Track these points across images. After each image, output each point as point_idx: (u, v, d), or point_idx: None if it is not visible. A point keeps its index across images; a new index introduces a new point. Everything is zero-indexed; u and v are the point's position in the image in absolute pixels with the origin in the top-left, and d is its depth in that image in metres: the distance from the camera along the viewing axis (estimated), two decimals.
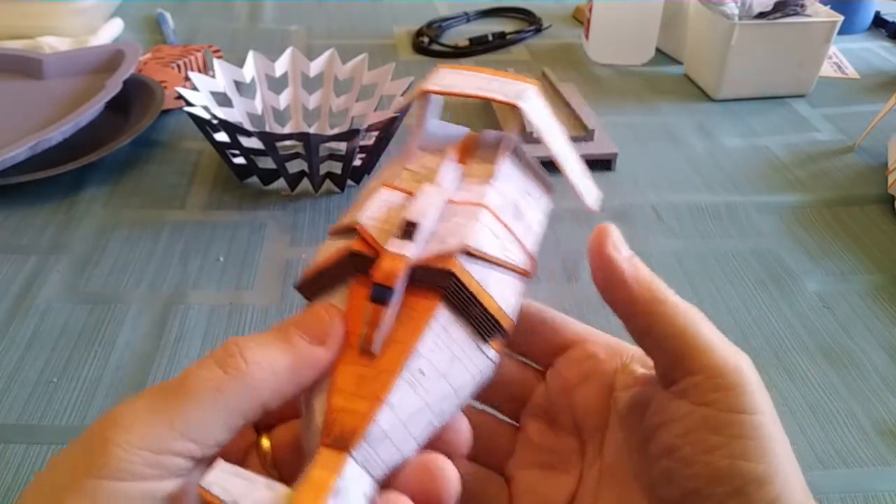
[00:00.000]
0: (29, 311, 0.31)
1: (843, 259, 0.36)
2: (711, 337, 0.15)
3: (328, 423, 0.14)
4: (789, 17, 0.48)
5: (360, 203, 0.17)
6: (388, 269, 0.15)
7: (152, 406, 0.13)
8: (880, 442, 0.26)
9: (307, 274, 0.16)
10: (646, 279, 0.17)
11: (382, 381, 0.14)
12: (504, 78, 0.20)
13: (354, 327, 0.15)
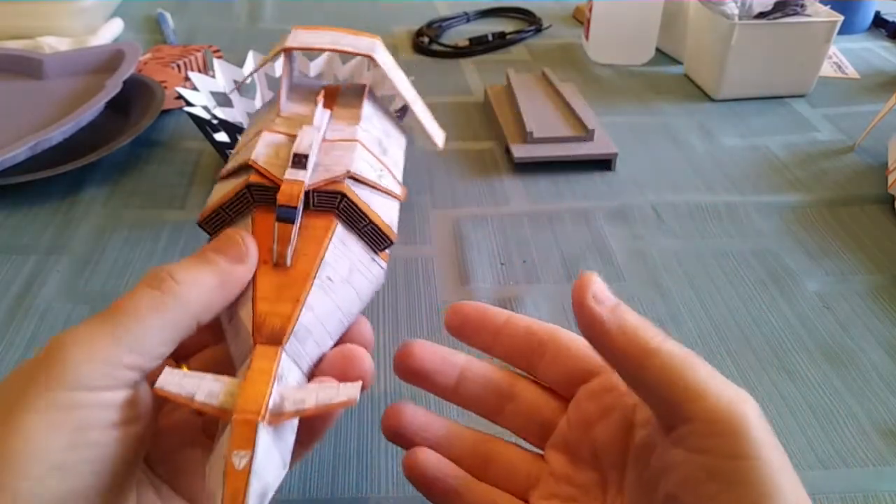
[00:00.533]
0: (29, 311, 0.31)
1: (843, 259, 0.36)
2: (707, 382, 0.15)
3: (258, 324, 0.16)
4: (789, 17, 0.48)
5: (242, 149, 0.20)
6: (289, 191, 0.17)
7: (99, 328, 0.14)
8: (880, 442, 0.26)
9: (208, 209, 0.18)
10: (631, 329, 0.16)
11: (299, 287, 0.16)
12: (352, 35, 0.23)
13: (264, 247, 0.17)
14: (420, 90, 0.55)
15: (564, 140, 0.43)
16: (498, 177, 0.42)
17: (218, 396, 0.14)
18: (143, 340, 0.14)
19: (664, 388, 0.15)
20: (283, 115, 0.20)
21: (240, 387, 0.15)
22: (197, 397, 0.14)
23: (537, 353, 0.19)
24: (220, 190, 0.19)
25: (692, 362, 0.15)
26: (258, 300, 0.16)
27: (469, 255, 0.35)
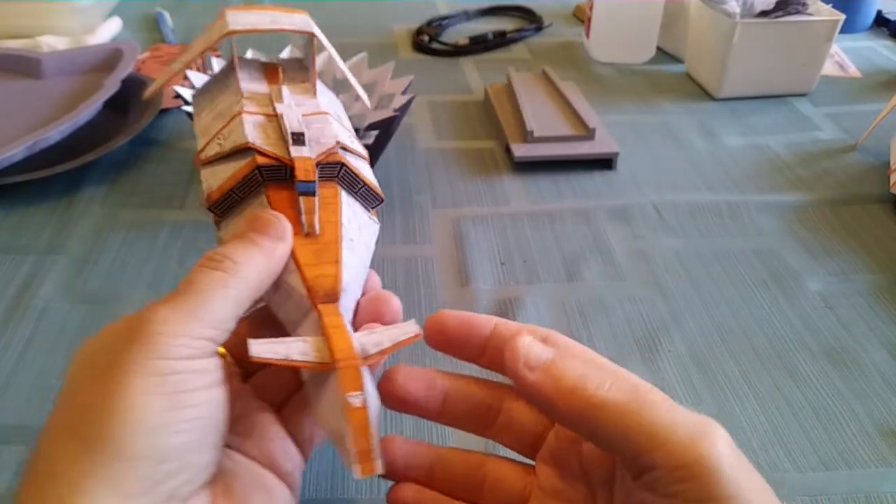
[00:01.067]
0: (27, 311, 0.31)
1: (845, 259, 0.36)
2: (664, 424, 0.14)
3: (312, 287, 0.18)
4: (791, 15, 0.48)
5: (220, 132, 0.21)
6: (305, 167, 0.19)
7: (179, 305, 0.16)
8: (882, 443, 0.26)
9: (218, 192, 0.19)
10: (569, 388, 0.15)
11: (333, 251, 0.19)
12: (283, 12, 0.24)
13: (290, 220, 0.19)
14: (420, 89, 0.55)
15: (565, 139, 0.42)
16: (498, 176, 0.42)
17: (310, 353, 0.16)
18: (216, 315, 0.16)
19: (620, 441, 0.15)
20: (247, 95, 0.22)
21: (325, 341, 0.17)
22: (293, 357, 0.16)
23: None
24: (217, 174, 0.20)
25: (643, 406, 0.15)
26: (303, 267, 0.18)
27: (469, 255, 0.35)
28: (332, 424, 0.16)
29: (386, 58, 0.46)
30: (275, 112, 0.21)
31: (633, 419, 0.14)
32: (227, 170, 0.20)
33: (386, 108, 0.39)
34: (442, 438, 0.26)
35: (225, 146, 0.20)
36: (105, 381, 0.15)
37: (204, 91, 0.25)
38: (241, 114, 0.21)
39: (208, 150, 0.20)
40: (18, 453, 0.25)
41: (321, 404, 0.17)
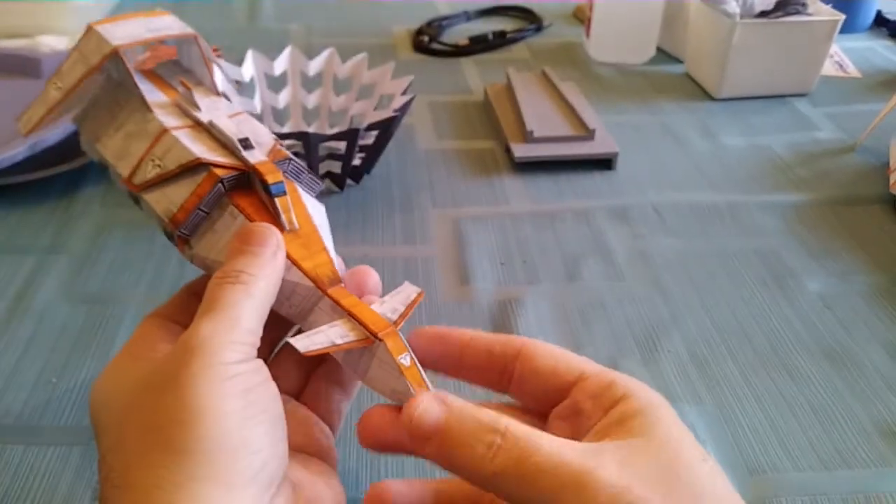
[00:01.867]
0: (27, 311, 0.31)
1: (844, 259, 0.36)
2: (552, 481, 0.14)
3: (316, 278, 0.19)
4: (791, 15, 0.48)
5: (130, 153, 0.20)
6: (270, 170, 0.19)
7: (216, 320, 0.17)
8: (882, 442, 0.26)
9: (183, 214, 0.19)
10: (462, 463, 0.16)
11: (316, 240, 0.20)
12: (153, 17, 0.23)
13: (267, 221, 0.19)
14: (420, 89, 0.55)
15: (565, 139, 0.42)
16: (498, 176, 0.42)
17: (349, 334, 0.18)
18: (250, 323, 0.17)
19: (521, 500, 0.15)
20: (158, 109, 0.21)
21: (353, 320, 0.18)
22: (338, 342, 0.17)
23: (505, 376, 0.19)
24: (170, 195, 0.20)
25: (528, 468, 0.15)
26: (299, 261, 0.19)
27: (469, 255, 0.35)
28: (391, 387, 0.18)
29: (386, 58, 0.46)
30: (194, 121, 0.21)
31: (520, 484, 0.15)
32: (180, 189, 0.20)
33: (386, 109, 0.39)
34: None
35: (167, 166, 0.20)
36: (176, 397, 0.15)
37: (89, 113, 0.23)
38: (168, 130, 0.20)
39: (142, 174, 0.20)
40: (19, 453, 0.25)
41: (372, 373, 0.18)
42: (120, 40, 0.21)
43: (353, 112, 0.44)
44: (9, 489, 0.24)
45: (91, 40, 0.21)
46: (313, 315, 0.19)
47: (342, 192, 0.40)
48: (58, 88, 0.22)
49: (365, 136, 0.38)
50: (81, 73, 0.21)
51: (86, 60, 0.21)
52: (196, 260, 0.20)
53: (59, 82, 0.22)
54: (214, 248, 0.20)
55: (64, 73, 0.22)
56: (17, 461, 0.25)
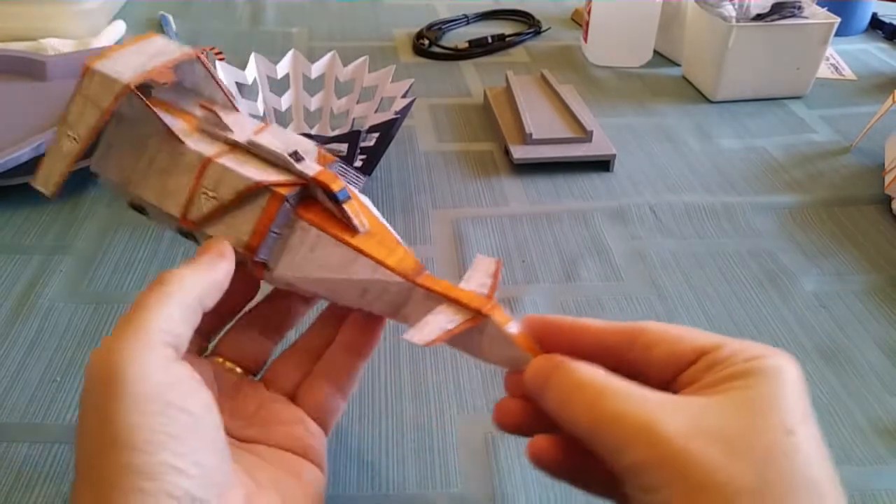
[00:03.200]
0: (32, 310, 0.31)
1: (839, 259, 0.36)
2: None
3: (403, 271, 0.19)
4: (786, 18, 0.49)
5: (177, 190, 0.20)
6: (331, 178, 0.19)
7: (124, 329, 0.16)
8: (877, 441, 0.26)
9: (257, 239, 0.19)
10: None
11: (388, 235, 0.20)
12: (143, 43, 0.21)
13: (339, 226, 0.19)
14: (421, 92, 0.55)
15: (563, 141, 0.43)
16: (497, 177, 0.42)
17: (455, 318, 0.18)
18: (167, 323, 0.17)
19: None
20: (188, 137, 0.20)
21: (457, 303, 0.18)
22: (449, 328, 0.18)
23: (622, 364, 0.17)
24: (235, 224, 0.19)
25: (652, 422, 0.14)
26: (384, 259, 0.19)
27: (469, 255, 0.36)
28: (506, 356, 0.18)
29: (387, 61, 0.47)
30: (230, 144, 0.20)
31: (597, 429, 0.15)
32: (245, 216, 0.19)
33: (387, 111, 0.40)
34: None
35: (224, 196, 0.19)
36: (87, 428, 0.15)
37: (109, 158, 0.21)
38: (212, 159, 0.19)
39: (198, 209, 0.19)
40: (23, 451, 0.25)
41: (485, 348, 0.18)
42: (127, 75, 0.19)
43: (354, 114, 0.44)
44: (13, 487, 0.24)
45: (94, 82, 0.19)
46: (407, 307, 0.19)
47: None
48: (73, 139, 0.20)
49: (366, 138, 0.38)
50: (95, 118, 0.19)
51: (96, 104, 0.19)
52: (278, 282, 0.20)
53: (71, 132, 0.20)
54: (294, 265, 0.19)
55: (74, 122, 0.20)
56: (21, 459, 0.25)
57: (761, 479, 0.14)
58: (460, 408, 0.27)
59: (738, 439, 0.14)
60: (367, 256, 0.19)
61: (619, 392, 0.15)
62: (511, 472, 0.25)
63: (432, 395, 0.28)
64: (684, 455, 0.14)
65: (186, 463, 0.15)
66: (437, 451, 0.26)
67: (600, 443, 0.15)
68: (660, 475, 0.14)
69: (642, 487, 0.14)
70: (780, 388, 0.15)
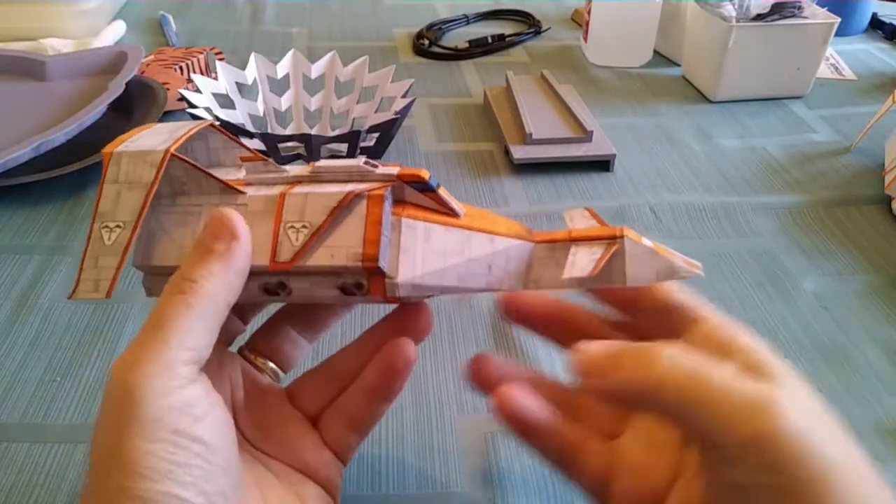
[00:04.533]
0: (32, 310, 0.31)
1: (840, 259, 0.36)
2: (724, 403, 0.14)
3: (518, 235, 0.19)
4: (786, 18, 0.49)
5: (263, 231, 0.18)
6: (416, 171, 0.19)
7: (150, 343, 0.16)
8: (878, 441, 0.26)
9: (372, 249, 0.18)
10: (628, 378, 0.15)
11: (481, 211, 0.20)
12: (151, 127, 0.20)
13: (440, 216, 0.19)
14: (421, 92, 0.55)
15: (563, 141, 0.43)
16: (497, 177, 0.42)
17: (596, 250, 0.18)
18: (189, 339, 0.16)
19: (682, 421, 0.15)
20: (246, 195, 0.19)
21: (587, 238, 0.18)
22: (596, 258, 0.18)
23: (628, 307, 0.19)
24: (340, 241, 0.18)
25: (699, 386, 0.14)
26: (493, 230, 0.19)
27: None
28: (654, 270, 0.18)
29: (387, 61, 0.47)
30: (290, 180, 0.19)
31: (690, 398, 0.14)
32: (347, 230, 0.18)
33: (387, 111, 0.40)
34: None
35: (315, 221, 0.18)
36: (101, 448, 0.15)
37: (153, 246, 0.19)
38: (284, 194, 0.18)
39: (288, 246, 0.18)
40: (24, 451, 0.25)
41: (629, 272, 0.18)
42: (164, 145, 0.18)
43: (354, 114, 0.44)
44: (13, 487, 0.24)
45: (123, 164, 0.18)
46: (534, 270, 0.19)
47: None
48: (119, 226, 0.17)
49: (366, 138, 0.38)
50: (139, 197, 0.17)
51: (134, 184, 0.18)
52: (402, 289, 0.18)
53: (112, 222, 0.17)
54: (416, 264, 0.18)
55: (111, 211, 0.18)
56: (22, 459, 0.25)
57: (846, 454, 0.14)
58: (460, 408, 0.27)
59: (821, 420, 0.15)
60: (479, 231, 0.19)
61: (719, 365, 0.15)
62: (511, 472, 0.25)
63: (432, 395, 0.28)
64: (807, 430, 0.14)
65: (192, 492, 0.15)
66: (437, 452, 0.26)
67: (709, 414, 0.14)
68: (785, 450, 0.13)
69: (759, 467, 0.14)
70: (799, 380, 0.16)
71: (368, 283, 0.18)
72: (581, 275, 0.17)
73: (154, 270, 0.19)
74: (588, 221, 0.20)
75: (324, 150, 0.38)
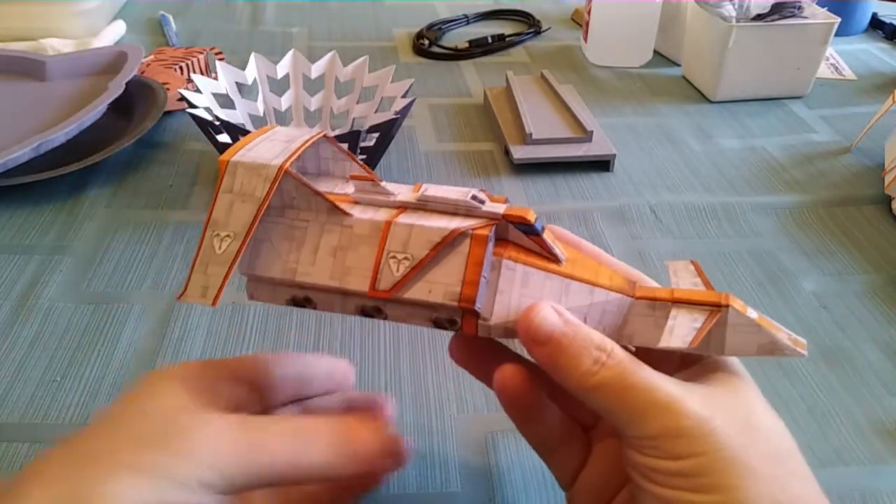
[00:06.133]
0: (32, 310, 0.31)
1: (839, 259, 0.36)
2: (647, 401, 0.16)
3: (620, 288, 0.19)
4: (786, 18, 0.49)
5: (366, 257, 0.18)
6: (523, 212, 0.18)
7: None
8: (878, 441, 0.26)
9: (470, 290, 0.18)
10: (565, 368, 0.17)
11: (585, 258, 0.20)
12: (267, 133, 0.20)
13: (541, 260, 0.19)
14: (421, 92, 0.55)
15: (563, 141, 0.43)
16: (497, 177, 0.42)
17: (698, 316, 0.17)
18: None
19: (609, 416, 0.17)
20: (352, 209, 0.19)
21: (690, 302, 0.18)
22: (698, 326, 0.17)
23: None
24: (439, 278, 0.18)
25: (626, 386, 0.16)
26: (595, 281, 0.19)
27: None
28: (756, 344, 0.18)
29: (387, 61, 0.47)
30: (398, 206, 0.19)
31: (616, 399, 0.16)
32: (447, 267, 0.18)
33: (387, 111, 0.40)
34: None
35: (417, 254, 0.18)
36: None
37: (258, 258, 0.19)
38: (391, 222, 0.18)
39: (389, 276, 0.18)
40: (23, 451, 0.25)
41: (730, 341, 0.18)
42: (275, 161, 0.18)
43: (354, 114, 0.44)
44: None
45: (238, 175, 0.18)
46: (629, 325, 0.18)
47: None
48: (229, 237, 0.18)
49: (366, 138, 0.38)
50: (251, 210, 0.18)
51: (248, 196, 0.18)
52: (494, 331, 0.18)
53: (223, 231, 0.18)
54: (511, 308, 0.18)
55: (223, 221, 0.18)
56: (22, 459, 0.25)
57: (768, 449, 0.16)
58: (460, 408, 0.27)
59: (746, 421, 0.16)
60: (580, 281, 0.18)
61: (646, 368, 0.17)
62: (511, 472, 0.25)
63: (432, 395, 0.28)
64: (709, 428, 0.15)
65: None
66: (437, 451, 0.26)
67: (626, 410, 0.16)
68: (686, 444, 0.15)
69: (666, 454, 0.16)
70: (754, 388, 0.18)
71: (462, 320, 0.18)
72: (680, 345, 0.17)
73: (257, 279, 0.19)
74: (693, 278, 0.19)
75: None
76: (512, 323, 0.18)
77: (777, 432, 0.17)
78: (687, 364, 0.19)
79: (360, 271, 0.18)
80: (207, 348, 0.30)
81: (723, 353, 0.18)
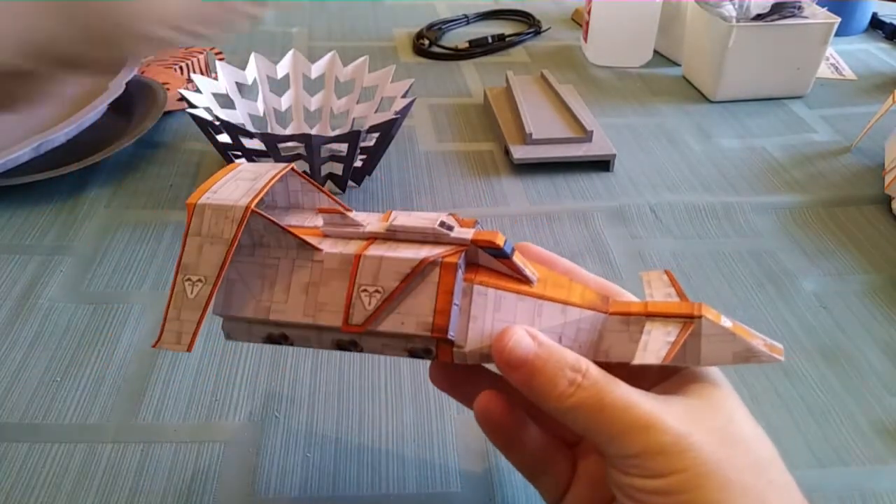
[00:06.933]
0: (32, 310, 0.31)
1: (839, 259, 0.36)
2: (623, 420, 0.16)
3: (592, 305, 0.19)
4: (786, 18, 0.49)
5: (337, 291, 0.18)
6: (492, 236, 0.18)
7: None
8: (878, 441, 0.26)
9: (442, 319, 0.18)
10: (541, 391, 0.17)
11: (556, 275, 0.20)
12: (233, 171, 0.20)
13: (512, 283, 0.19)
14: (421, 92, 0.55)
15: (563, 141, 0.43)
16: (497, 177, 0.42)
17: (671, 329, 0.17)
18: None
19: (587, 434, 0.17)
20: (321, 244, 0.19)
21: (662, 315, 0.18)
22: (672, 340, 0.17)
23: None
24: (411, 309, 0.18)
25: (603, 406, 0.16)
26: (567, 300, 0.19)
27: None
28: (731, 352, 0.17)
29: (387, 61, 0.47)
30: (367, 237, 0.19)
31: (594, 419, 0.16)
32: (418, 298, 0.18)
33: (387, 111, 0.40)
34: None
35: (388, 286, 0.18)
36: None
37: (231, 297, 0.19)
38: (360, 255, 0.18)
39: (361, 310, 0.18)
40: (23, 451, 0.25)
41: (705, 352, 0.18)
42: (242, 201, 0.18)
43: (354, 114, 0.44)
44: (13, 487, 0.24)
45: (206, 217, 0.18)
46: (605, 341, 0.18)
47: (343, 193, 0.41)
48: (200, 281, 0.18)
49: (366, 138, 0.38)
50: (220, 253, 0.18)
51: (216, 238, 0.18)
52: (471, 358, 0.18)
53: (194, 276, 0.18)
54: (485, 333, 0.18)
55: (193, 265, 0.18)
56: (22, 459, 0.25)
57: (747, 460, 0.16)
58: (460, 408, 0.27)
59: (725, 432, 0.16)
60: (552, 301, 0.18)
61: (622, 385, 0.17)
62: (511, 472, 0.25)
63: (432, 396, 0.28)
64: (688, 443, 0.16)
65: None
66: (437, 452, 0.26)
67: (604, 430, 0.16)
68: (666, 461, 0.15)
69: (646, 472, 0.16)
70: (733, 395, 0.18)
71: (437, 349, 0.18)
72: (654, 361, 0.16)
73: (234, 322, 0.20)
74: (666, 288, 0.19)
75: (324, 149, 0.38)
76: (487, 348, 0.18)
77: (756, 441, 0.17)
78: (666, 375, 0.18)
79: (333, 306, 0.18)
80: (207, 348, 0.30)
81: (699, 363, 0.17)
